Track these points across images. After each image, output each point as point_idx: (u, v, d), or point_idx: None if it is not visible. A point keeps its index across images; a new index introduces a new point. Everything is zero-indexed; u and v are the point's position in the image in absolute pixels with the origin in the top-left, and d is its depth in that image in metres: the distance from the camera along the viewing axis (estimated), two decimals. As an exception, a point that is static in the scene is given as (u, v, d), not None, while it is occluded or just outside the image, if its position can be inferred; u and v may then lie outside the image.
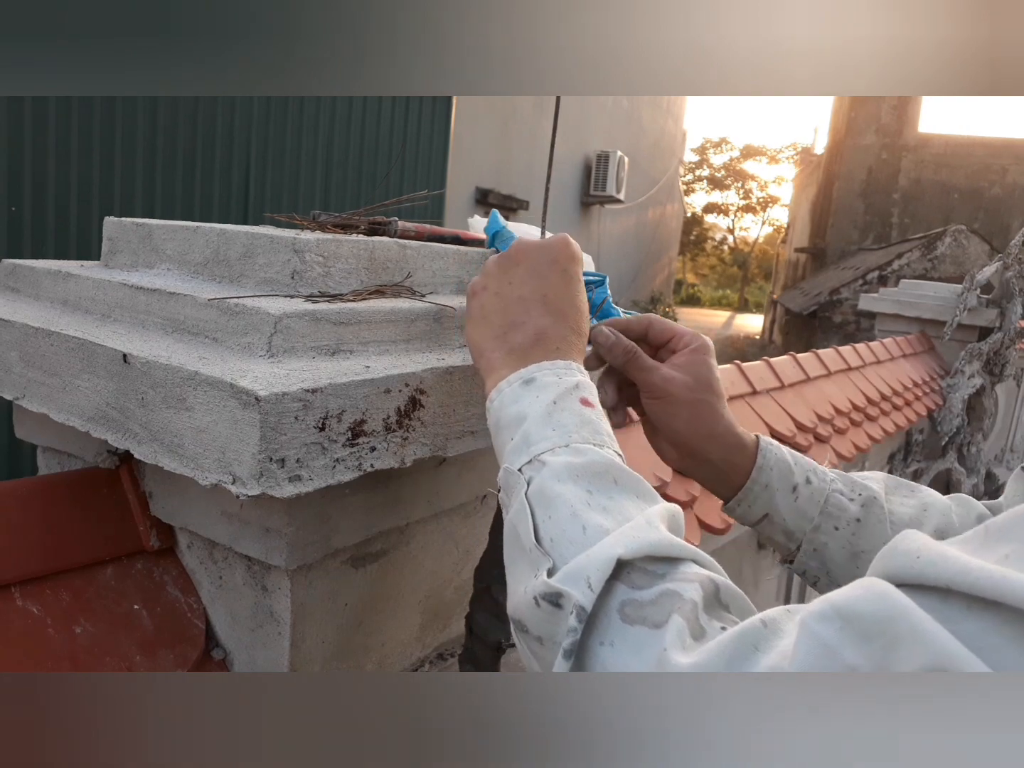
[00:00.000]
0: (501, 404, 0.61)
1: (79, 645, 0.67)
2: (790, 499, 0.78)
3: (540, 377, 0.61)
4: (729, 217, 40.75)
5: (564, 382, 0.60)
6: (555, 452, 0.55)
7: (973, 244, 11.06)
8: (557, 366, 0.62)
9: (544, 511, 0.52)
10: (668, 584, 0.47)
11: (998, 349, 4.37)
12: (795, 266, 20.33)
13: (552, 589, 0.47)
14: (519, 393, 0.60)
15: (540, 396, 0.59)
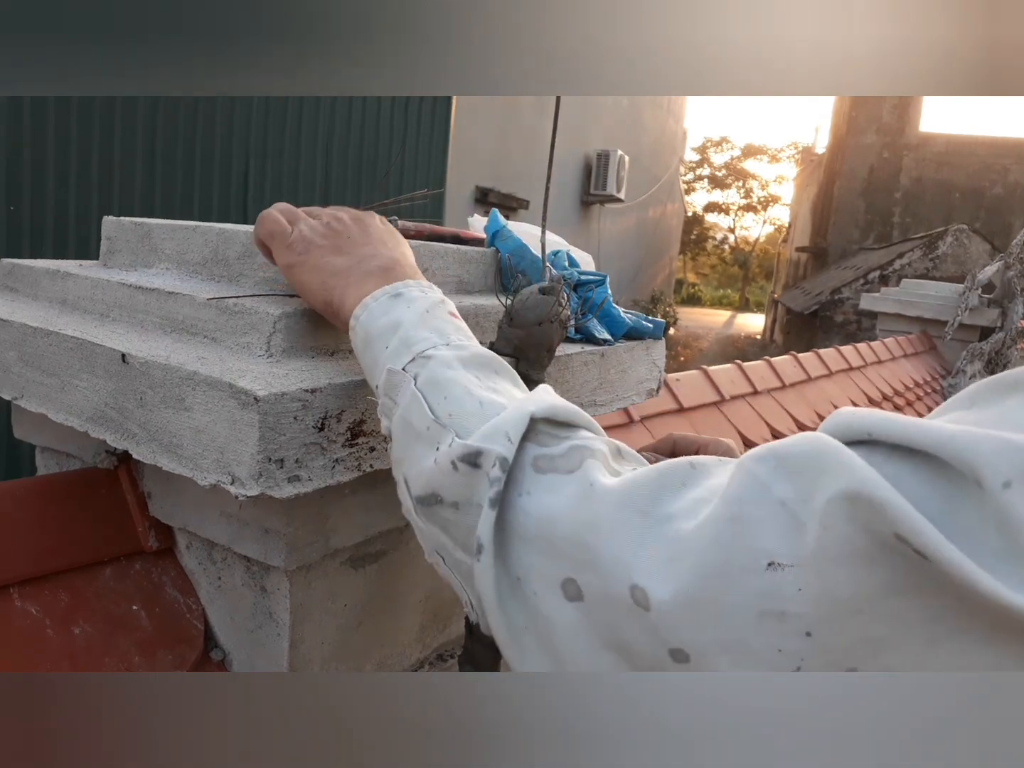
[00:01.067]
0: (370, 317, 0.61)
1: (78, 645, 0.67)
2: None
3: (407, 292, 0.62)
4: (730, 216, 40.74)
5: (430, 296, 0.62)
6: (437, 348, 0.56)
7: (974, 244, 11.05)
8: (421, 284, 0.64)
9: (438, 394, 0.53)
10: (575, 441, 0.49)
11: (1000, 349, 4.37)
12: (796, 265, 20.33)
13: (470, 449, 0.48)
14: (388, 305, 0.61)
15: (411, 306, 0.60)
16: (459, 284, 0.87)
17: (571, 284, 0.87)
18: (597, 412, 0.89)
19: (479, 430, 0.49)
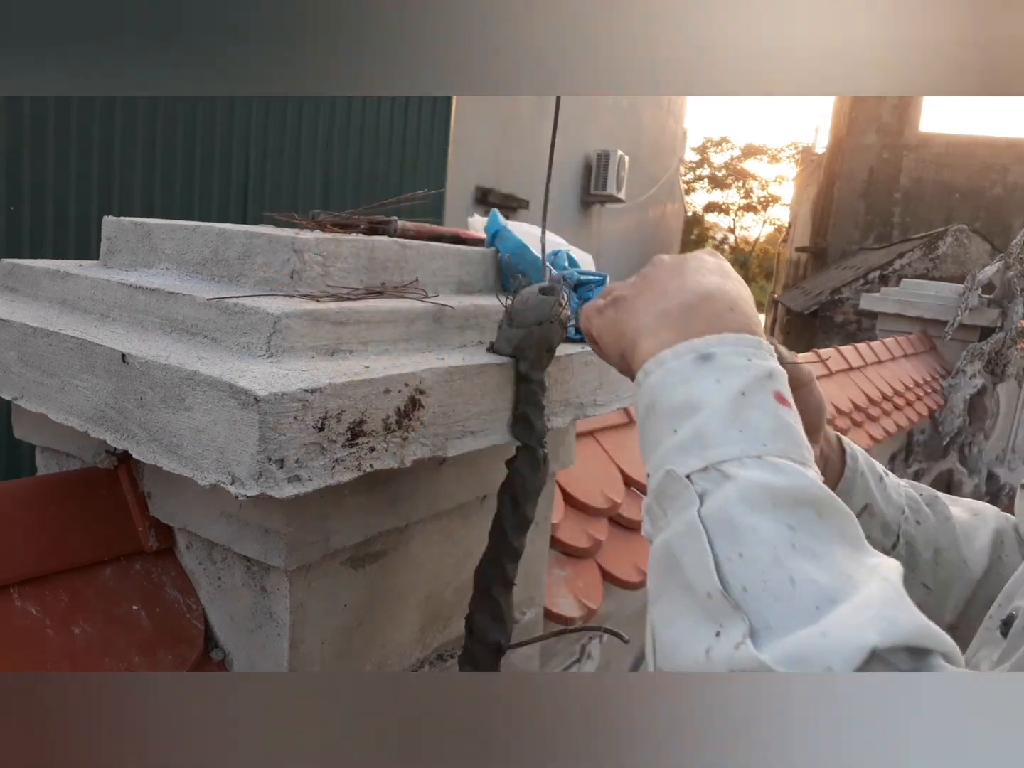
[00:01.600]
0: (663, 381, 0.48)
1: (78, 646, 0.67)
2: (880, 487, 0.74)
3: (721, 354, 0.47)
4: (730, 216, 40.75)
5: (754, 366, 0.47)
6: (744, 463, 0.43)
7: (974, 244, 11.05)
8: (744, 341, 0.49)
9: (731, 545, 0.40)
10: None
11: (1000, 349, 4.37)
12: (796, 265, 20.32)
13: (765, 669, 0.37)
14: (692, 371, 0.47)
15: (723, 381, 0.46)
16: (459, 284, 0.87)
17: (571, 284, 0.87)
18: (597, 412, 0.89)
19: (785, 640, 0.38)
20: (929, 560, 0.74)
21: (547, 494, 1.06)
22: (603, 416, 1.28)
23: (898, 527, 0.73)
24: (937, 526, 0.76)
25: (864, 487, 0.72)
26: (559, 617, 1.21)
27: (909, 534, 0.74)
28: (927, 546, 0.75)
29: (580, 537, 1.37)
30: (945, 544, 0.75)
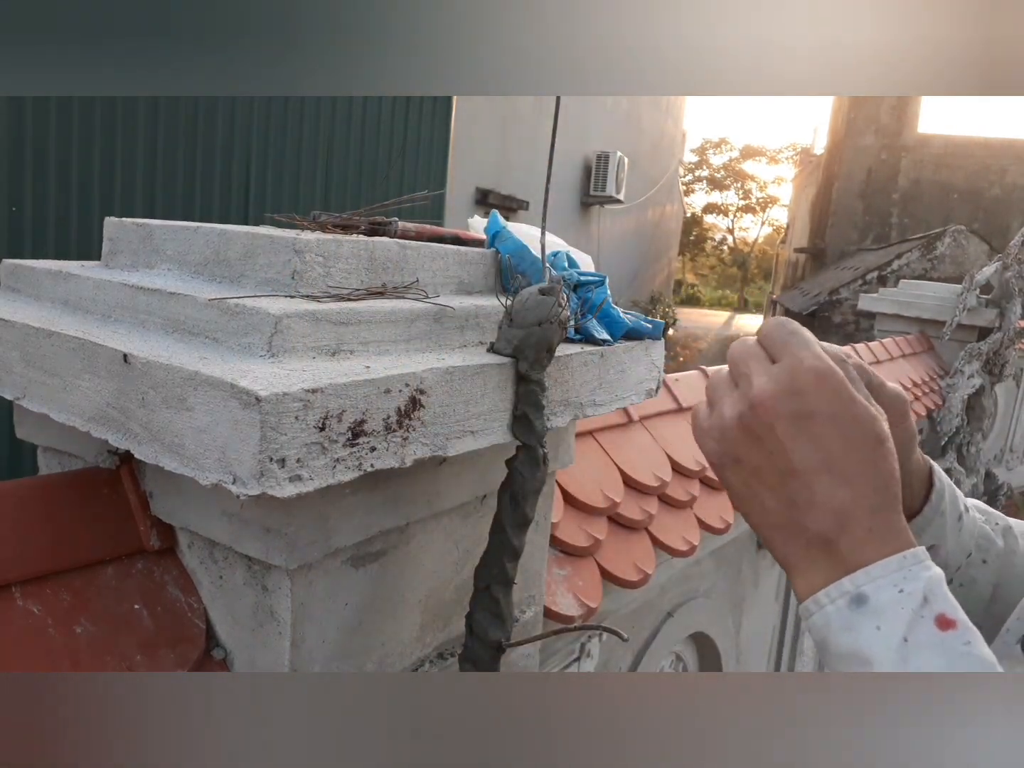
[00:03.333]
0: (826, 625, 0.48)
1: (79, 645, 0.67)
2: (956, 528, 0.70)
3: (874, 595, 0.47)
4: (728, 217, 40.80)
5: (909, 598, 0.47)
6: None
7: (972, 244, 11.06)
8: (891, 567, 0.48)
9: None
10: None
11: (997, 349, 4.38)
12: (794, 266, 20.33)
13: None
14: (850, 619, 0.47)
15: (883, 628, 0.46)
16: (459, 285, 0.87)
17: (571, 285, 0.87)
18: (596, 412, 0.89)
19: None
20: (986, 598, 0.72)
21: (547, 493, 1.06)
22: (602, 416, 1.29)
23: (956, 569, 0.71)
24: (1004, 562, 0.73)
25: (939, 528, 0.69)
26: (559, 616, 1.21)
27: (968, 576, 0.71)
28: (987, 585, 0.71)
29: (579, 536, 1.37)
30: (1005, 579, 0.72)
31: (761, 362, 0.55)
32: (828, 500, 0.50)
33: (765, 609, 2.44)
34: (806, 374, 0.52)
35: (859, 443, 0.51)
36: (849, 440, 0.51)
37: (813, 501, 0.50)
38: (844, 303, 11.17)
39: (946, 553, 0.70)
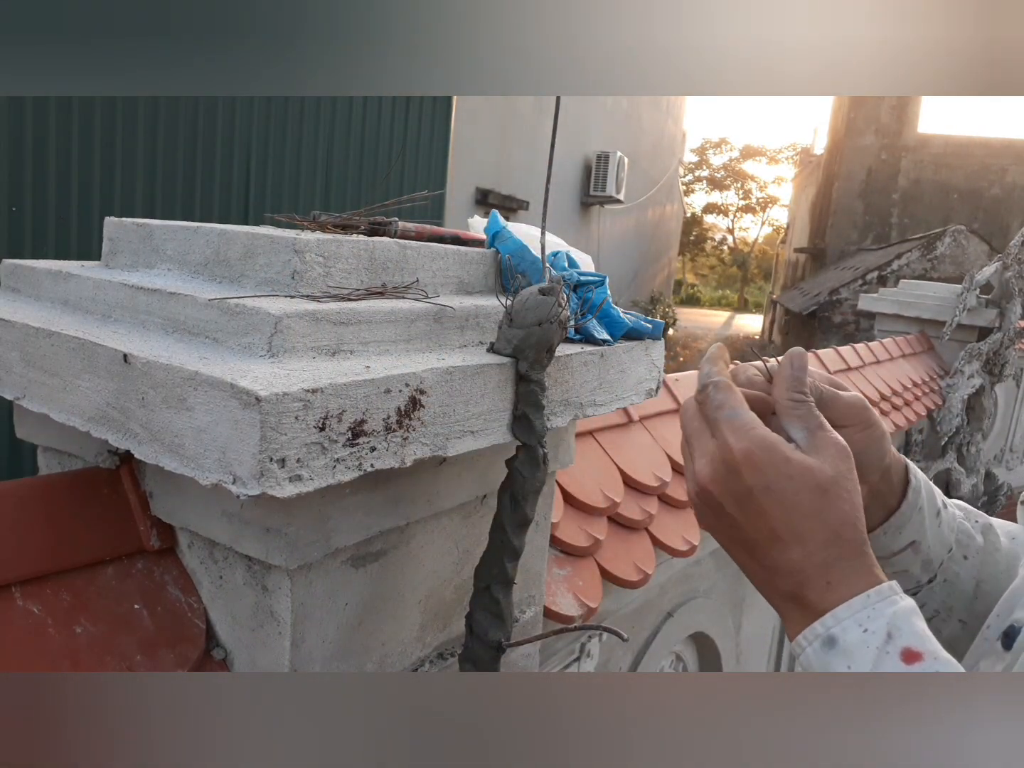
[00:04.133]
0: (810, 666, 0.52)
1: (79, 645, 0.67)
2: (935, 524, 0.72)
3: (841, 636, 0.51)
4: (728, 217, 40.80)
5: (873, 636, 0.50)
6: None
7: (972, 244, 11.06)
8: (855, 608, 0.52)
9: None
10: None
11: (997, 349, 4.38)
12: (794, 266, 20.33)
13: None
14: (825, 660, 0.51)
15: (852, 667, 0.50)
16: (459, 285, 0.87)
17: (571, 285, 0.87)
18: (596, 412, 0.89)
19: None
20: (968, 594, 0.73)
21: (547, 493, 1.06)
22: (602, 416, 1.29)
23: (939, 564, 0.72)
24: (984, 559, 0.74)
25: (918, 524, 0.71)
26: (559, 616, 1.21)
27: (951, 571, 0.73)
28: (969, 581, 0.73)
29: (579, 536, 1.37)
30: (987, 576, 0.73)
31: (700, 437, 0.60)
32: (785, 564, 0.54)
33: (765, 609, 2.44)
34: (736, 455, 0.56)
35: (800, 503, 0.55)
36: (788, 504, 0.55)
37: (775, 566, 0.55)
38: (844, 303, 11.17)
39: (927, 548, 0.71)
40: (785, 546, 0.54)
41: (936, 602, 0.73)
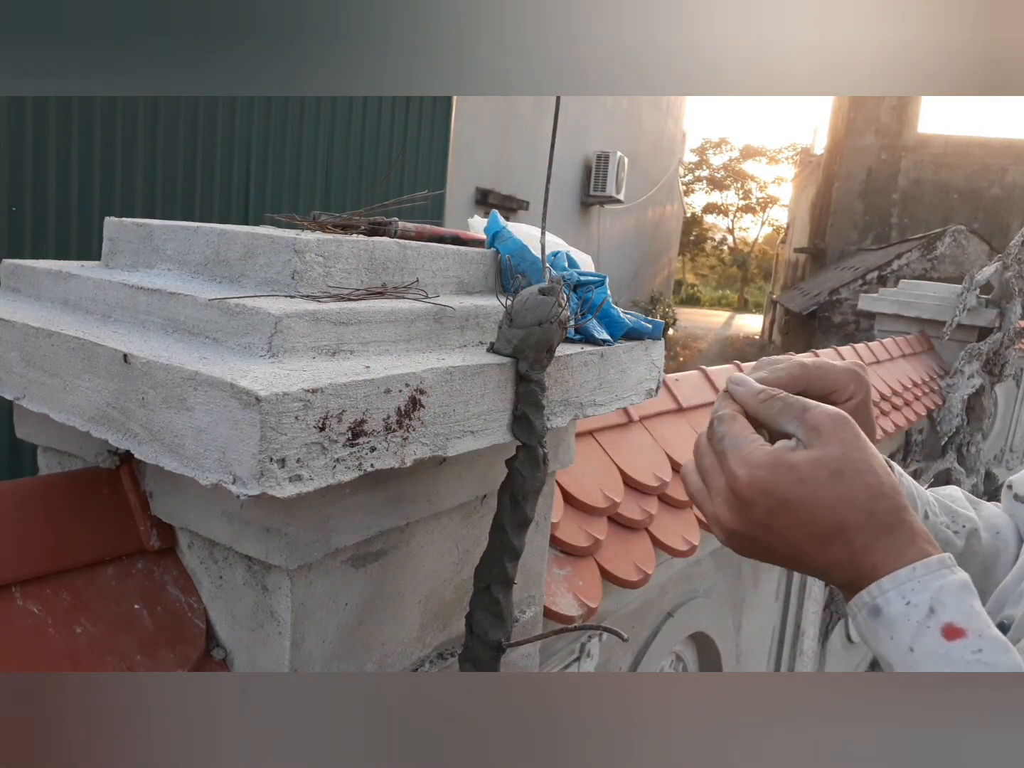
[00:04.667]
0: (861, 633, 0.54)
1: (79, 645, 0.67)
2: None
3: (885, 607, 0.51)
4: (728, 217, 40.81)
5: (915, 609, 0.50)
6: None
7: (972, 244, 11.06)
8: (900, 580, 0.51)
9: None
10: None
11: (997, 349, 4.38)
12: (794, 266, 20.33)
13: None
14: (873, 628, 0.52)
15: (895, 638, 0.50)
16: (459, 285, 0.87)
17: (570, 285, 0.87)
18: (596, 412, 0.89)
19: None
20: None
21: (547, 493, 1.06)
22: (602, 416, 1.29)
23: None
24: (962, 562, 0.73)
25: None
26: (559, 616, 1.21)
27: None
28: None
29: (579, 536, 1.37)
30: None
31: (713, 475, 0.59)
32: (833, 561, 0.54)
33: (765, 609, 2.44)
34: (743, 486, 0.56)
35: (822, 499, 0.54)
36: (811, 507, 0.54)
37: (824, 567, 0.55)
38: (844, 303, 11.17)
39: None
40: (825, 546, 0.54)
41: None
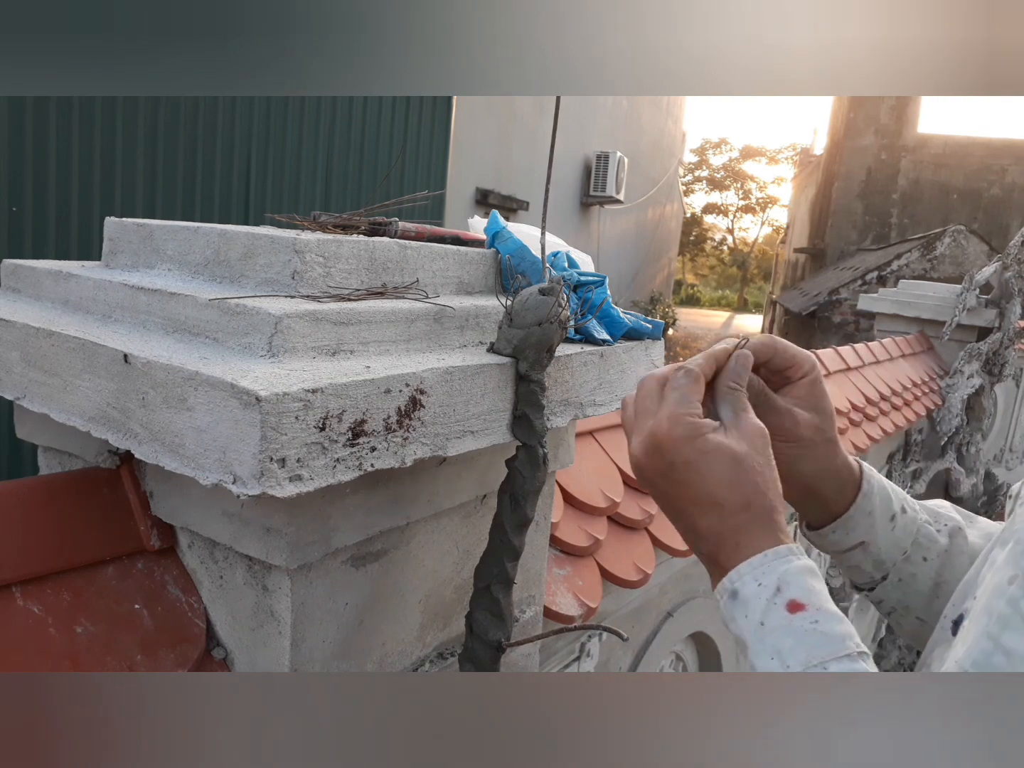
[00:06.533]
0: (723, 618, 0.60)
1: (80, 645, 0.67)
2: (888, 528, 0.76)
3: (742, 589, 0.58)
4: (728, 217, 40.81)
5: (764, 590, 0.57)
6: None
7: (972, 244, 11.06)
8: (753, 565, 0.58)
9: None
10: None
11: (997, 349, 4.38)
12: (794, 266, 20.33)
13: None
14: (730, 610, 0.58)
15: (749, 616, 0.57)
16: (459, 285, 0.87)
17: (570, 285, 0.87)
18: (596, 412, 0.89)
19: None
20: (926, 594, 0.76)
21: (547, 493, 1.07)
22: (602, 416, 1.29)
23: (892, 564, 0.76)
24: (946, 561, 0.77)
25: (867, 527, 0.75)
26: (559, 615, 1.21)
27: (906, 572, 0.76)
28: (927, 581, 0.76)
29: (579, 536, 1.37)
30: (948, 577, 0.76)
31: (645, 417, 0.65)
32: (704, 528, 0.61)
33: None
34: (661, 434, 0.62)
35: (714, 472, 0.61)
36: (704, 474, 0.61)
37: (697, 531, 0.62)
38: (844, 303, 11.16)
39: (878, 550, 0.76)
40: (704, 512, 0.61)
41: (892, 599, 0.77)
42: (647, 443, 0.63)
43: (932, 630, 0.72)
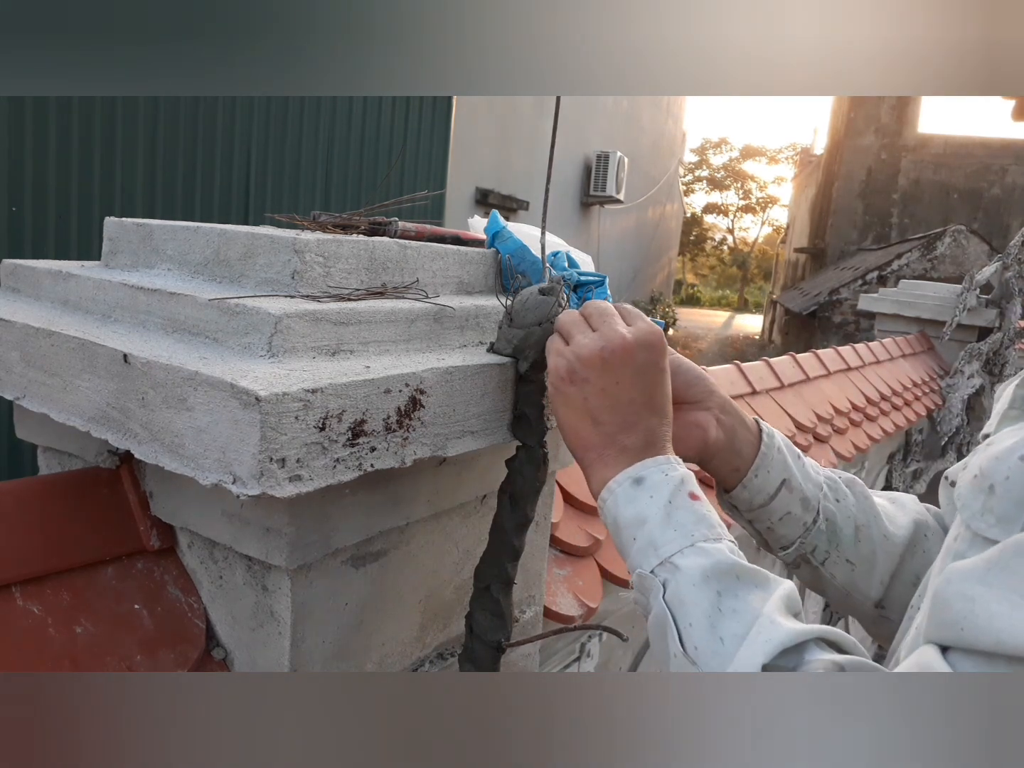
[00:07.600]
0: (615, 504, 0.64)
1: (79, 645, 0.67)
2: (799, 465, 0.81)
3: (648, 476, 0.64)
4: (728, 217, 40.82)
5: (671, 479, 0.64)
6: (683, 554, 0.60)
7: (972, 244, 11.05)
8: (659, 462, 0.65)
9: (684, 619, 0.58)
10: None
11: (997, 349, 4.38)
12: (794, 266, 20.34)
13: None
14: (632, 494, 0.64)
15: (654, 497, 0.63)
16: (459, 285, 0.87)
17: (571, 285, 0.87)
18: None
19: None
20: (851, 536, 0.80)
21: (547, 493, 1.07)
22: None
23: (818, 502, 0.80)
24: (856, 504, 0.81)
25: (782, 463, 0.80)
26: (559, 616, 1.21)
27: (829, 510, 0.80)
28: (847, 523, 0.80)
29: (579, 536, 1.37)
30: (865, 521, 0.81)
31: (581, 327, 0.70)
32: (645, 425, 0.67)
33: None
34: (657, 334, 0.69)
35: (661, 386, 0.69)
36: (658, 384, 0.69)
37: (636, 424, 0.67)
38: (844, 303, 11.16)
39: (800, 486, 0.80)
40: (650, 412, 0.68)
41: (824, 544, 0.80)
42: (641, 336, 0.68)
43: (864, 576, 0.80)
